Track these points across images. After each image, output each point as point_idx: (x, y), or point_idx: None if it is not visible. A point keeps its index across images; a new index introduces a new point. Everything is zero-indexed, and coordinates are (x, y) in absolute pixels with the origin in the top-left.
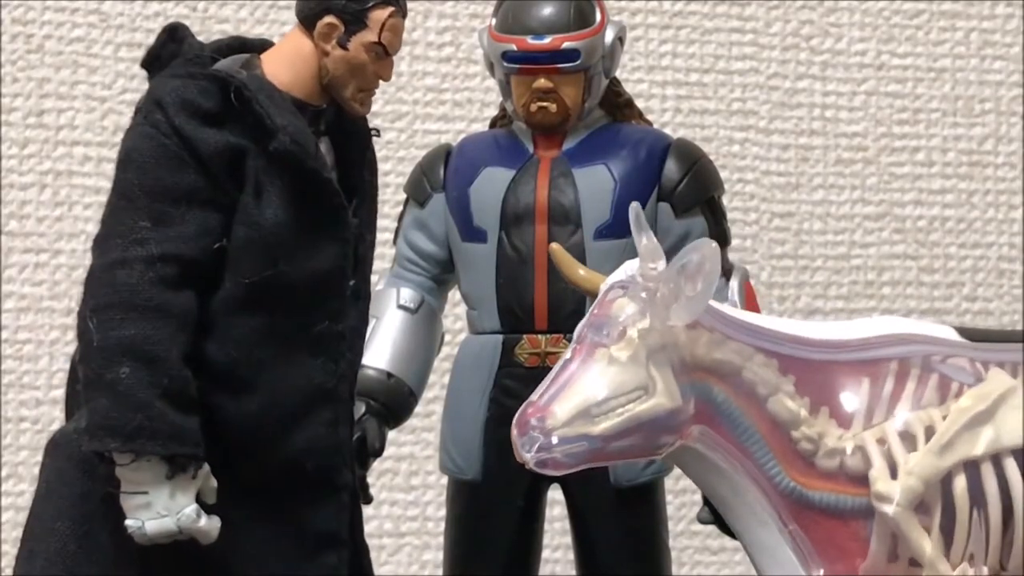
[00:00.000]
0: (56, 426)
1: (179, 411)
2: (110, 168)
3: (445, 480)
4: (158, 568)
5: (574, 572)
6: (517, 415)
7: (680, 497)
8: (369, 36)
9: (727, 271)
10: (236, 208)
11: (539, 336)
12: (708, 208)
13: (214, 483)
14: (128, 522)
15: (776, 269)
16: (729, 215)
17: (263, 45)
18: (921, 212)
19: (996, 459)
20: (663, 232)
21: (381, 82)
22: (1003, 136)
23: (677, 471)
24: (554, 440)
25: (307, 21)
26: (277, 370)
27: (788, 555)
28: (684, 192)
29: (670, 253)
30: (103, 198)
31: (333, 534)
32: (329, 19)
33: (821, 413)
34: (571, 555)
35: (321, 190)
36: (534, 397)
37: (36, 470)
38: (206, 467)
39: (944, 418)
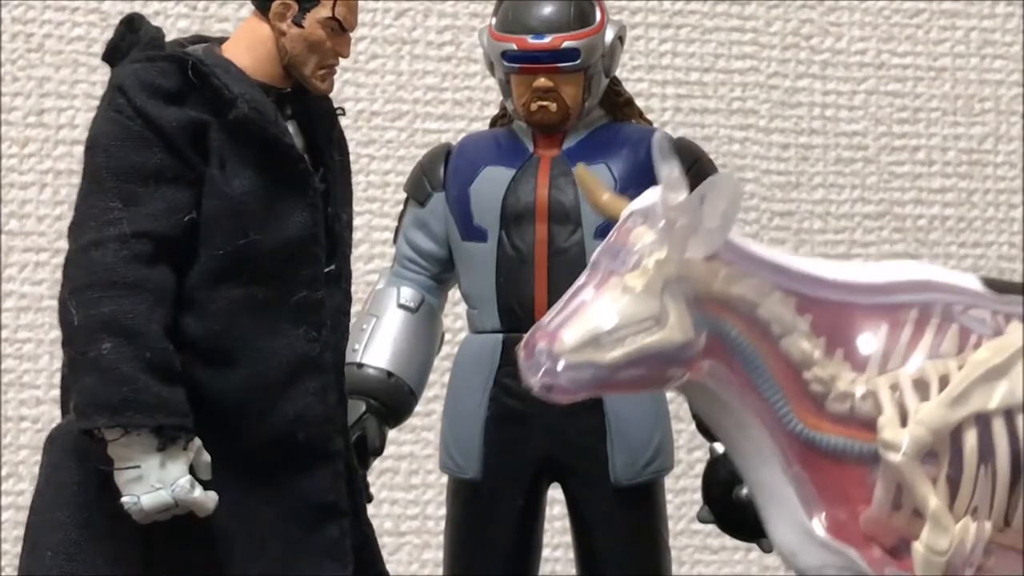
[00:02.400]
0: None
1: (164, 383)
2: None
3: (445, 479)
4: (161, 549)
5: (574, 571)
6: (525, 338)
7: (680, 496)
8: (323, 12)
9: None
10: (203, 182)
11: None
12: None
13: (207, 457)
14: (124, 499)
15: None
16: None
17: (222, 40)
18: (921, 211)
19: (1008, 414)
20: None
21: (379, 80)
22: (1003, 135)
23: (678, 470)
24: (560, 366)
25: (261, 4)
26: (259, 342)
27: (790, 495)
28: None
29: None
30: None
31: (332, 504)
32: None
33: (836, 355)
34: (571, 554)
35: (284, 155)
36: (544, 321)
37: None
38: (197, 441)
39: (960, 369)
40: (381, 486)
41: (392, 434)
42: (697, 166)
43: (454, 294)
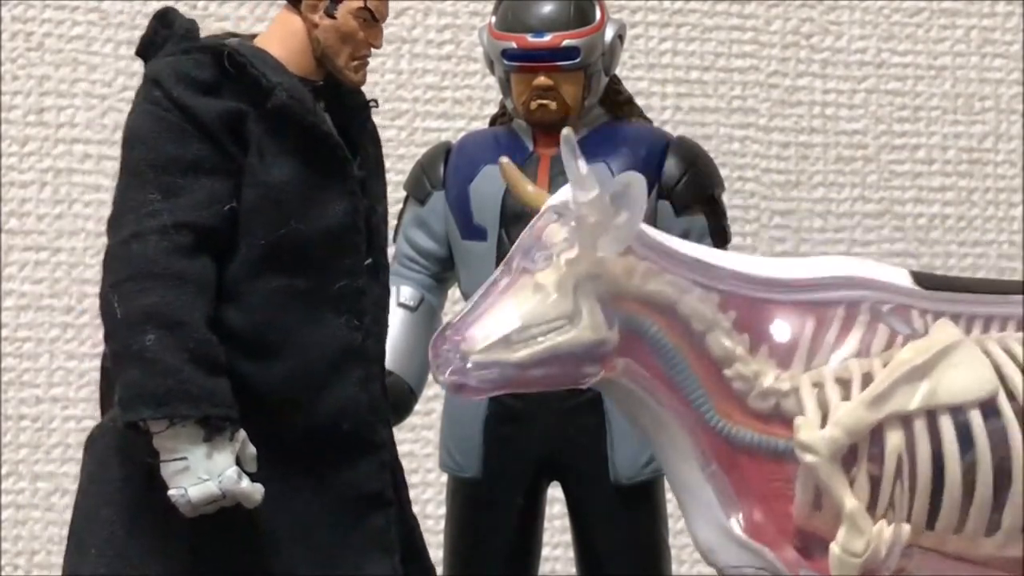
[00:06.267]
0: (56, 424)
1: (208, 374)
2: (110, 166)
3: (445, 478)
4: (207, 543)
5: (574, 570)
6: (435, 335)
7: None
8: (355, 3)
9: None
10: (243, 172)
11: None
12: (708, 206)
13: (252, 450)
14: (171, 491)
15: None
16: (729, 213)
17: (253, 36)
18: (921, 210)
19: (931, 415)
20: (663, 230)
21: (378, 79)
22: (1003, 134)
23: None
24: (469, 365)
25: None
26: (302, 332)
27: (708, 493)
28: (684, 190)
29: None
30: (104, 196)
31: (378, 494)
32: None
33: (760, 352)
34: (571, 553)
35: (323, 143)
36: (453, 320)
37: (36, 468)
38: (242, 432)
39: (885, 367)
40: None
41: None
42: (697, 165)
43: (454, 293)
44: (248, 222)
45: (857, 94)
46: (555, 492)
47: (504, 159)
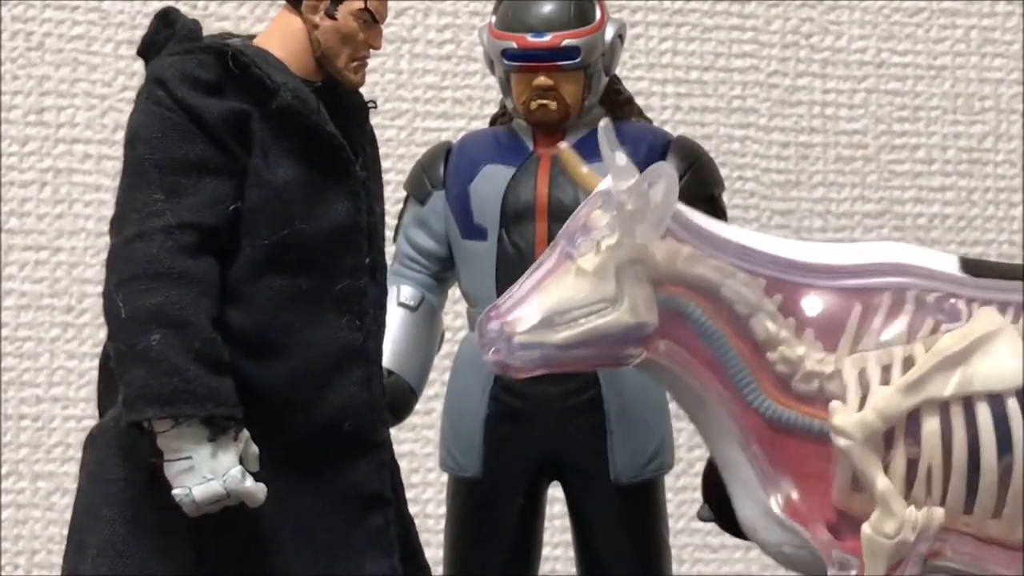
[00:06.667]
0: (56, 423)
1: (213, 373)
2: (111, 165)
3: (445, 478)
4: (209, 543)
5: (574, 570)
6: (481, 316)
7: (680, 495)
8: (356, 4)
9: None
10: (246, 173)
11: None
12: (708, 206)
13: (255, 449)
14: (175, 491)
15: None
16: (729, 213)
17: (251, 36)
18: (921, 210)
19: (967, 402)
20: None
21: (378, 79)
22: (1003, 134)
23: (678, 468)
24: (513, 345)
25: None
26: (305, 332)
27: (750, 474)
28: (684, 189)
29: None
30: (103, 196)
31: (377, 494)
32: None
33: (806, 335)
34: (571, 552)
35: (326, 144)
36: (500, 300)
37: (36, 468)
38: (246, 432)
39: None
40: None
41: (392, 432)
42: (697, 164)
43: (454, 292)
44: (251, 222)
45: (857, 94)
46: (555, 492)
47: (563, 144)
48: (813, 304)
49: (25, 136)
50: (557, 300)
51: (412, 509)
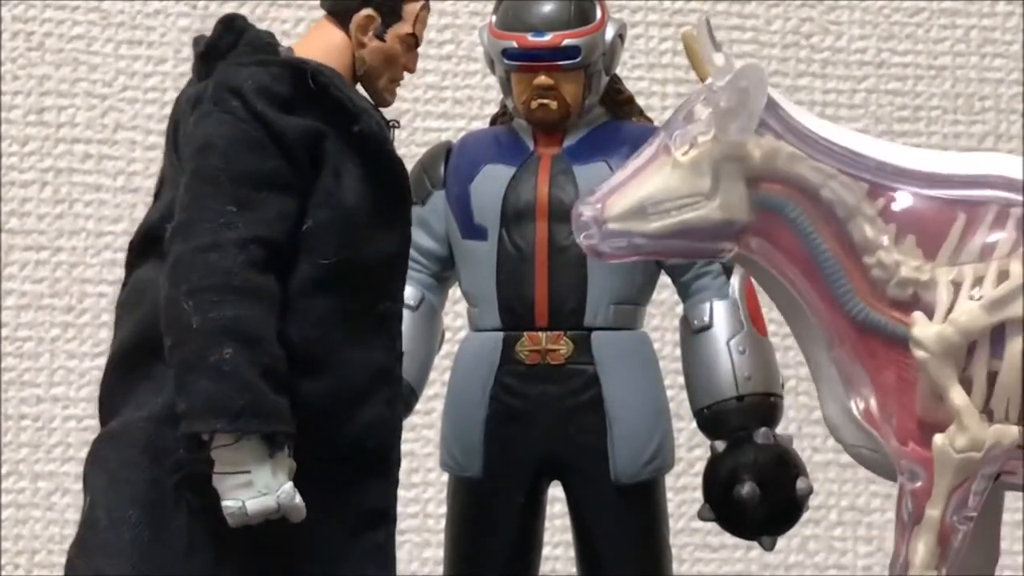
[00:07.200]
0: (56, 423)
1: (276, 391)
2: (111, 165)
3: (445, 477)
4: (231, 551)
5: (574, 570)
6: (577, 200)
7: (681, 494)
8: (405, 28)
9: (728, 269)
10: (311, 192)
11: (539, 333)
12: None
13: (294, 464)
14: (227, 503)
15: None
16: None
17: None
18: None
19: None
20: None
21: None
22: (1003, 134)
23: (678, 468)
24: (605, 232)
25: (341, 14)
26: (347, 351)
27: (833, 373)
28: None
29: None
30: (104, 196)
31: (384, 511)
32: (368, 11)
33: (907, 242)
34: (572, 552)
35: (394, 171)
36: (598, 186)
37: (37, 467)
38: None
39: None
40: None
41: None
42: None
43: (454, 292)
44: (315, 241)
45: (857, 94)
46: (555, 491)
47: (687, 30)
48: (916, 211)
49: (25, 136)
50: (651, 190)
51: (412, 509)
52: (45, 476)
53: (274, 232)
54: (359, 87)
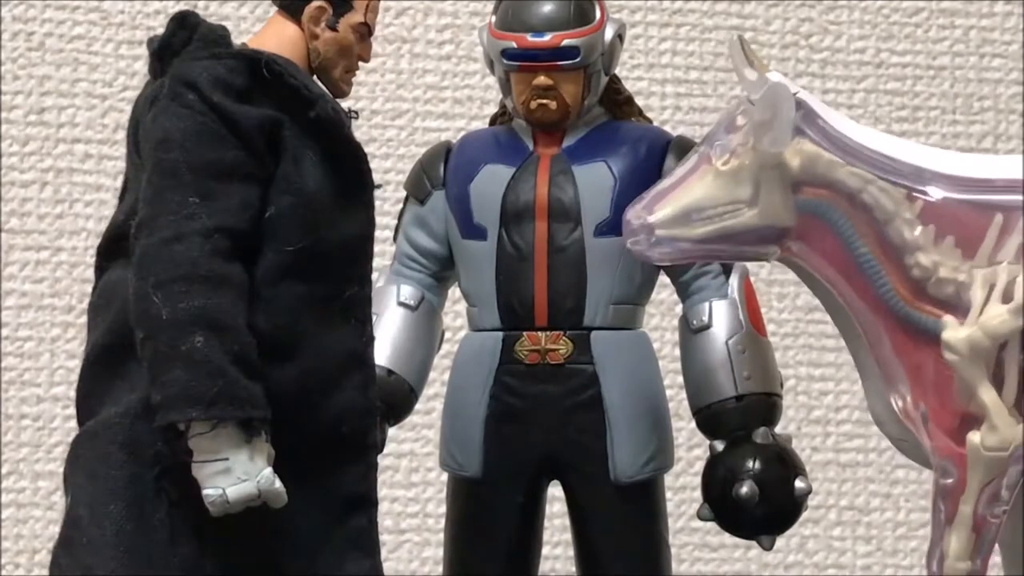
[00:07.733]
0: (56, 423)
1: (249, 377)
2: (111, 165)
3: (445, 477)
4: (213, 541)
5: (574, 570)
6: (628, 208)
7: (680, 494)
8: (356, 17)
9: (727, 269)
10: (272, 180)
11: (539, 333)
12: None
13: (272, 451)
14: (207, 491)
15: (776, 266)
16: None
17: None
18: None
19: None
20: None
21: (379, 79)
22: (1002, 134)
23: (677, 467)
24: (653, 237)
25: (293, 7)
26: (316, 337)
27: (877, 372)
28: None
29: None
30: (104, 195)
31: (364, 496)
32: (319, 2)
33: (945, 242)
34: (571, 552)
35: (353, 155)
36: (646, 193)
37: (37, 467)
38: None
39: None
40: (381, 483)
41: (392, 432)
42: None
43: (454, 292)
44: (278, 229)
45: (856, 94)
46: (555, 491)
47: (736, 37)
48: (954, 214)
49: (25, 136)
50: (694, 199)
51: (412, 508)
52: (45, 476)
53: (238, 221)
54: (315, 79)
